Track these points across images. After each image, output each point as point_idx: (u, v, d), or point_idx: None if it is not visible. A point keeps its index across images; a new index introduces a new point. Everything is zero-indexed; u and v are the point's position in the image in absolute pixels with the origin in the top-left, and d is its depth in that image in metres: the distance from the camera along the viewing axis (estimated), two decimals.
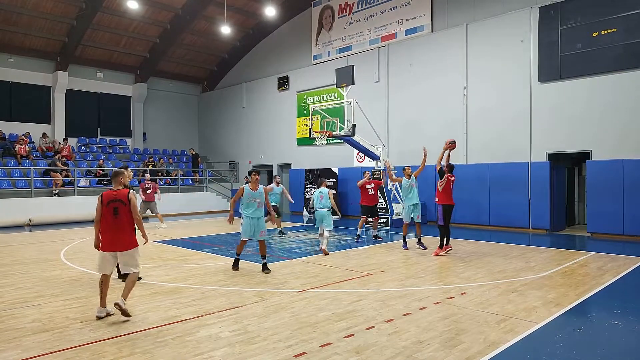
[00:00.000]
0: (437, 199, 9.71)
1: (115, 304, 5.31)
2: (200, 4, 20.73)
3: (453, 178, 9.80)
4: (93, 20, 20.14)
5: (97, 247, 5.64)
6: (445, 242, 9.67)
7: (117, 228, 5.51)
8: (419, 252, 9.97)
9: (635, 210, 11.89)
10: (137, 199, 6.66)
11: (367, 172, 12.78)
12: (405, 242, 10.51)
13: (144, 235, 5.80)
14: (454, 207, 9.84)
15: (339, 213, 12.21)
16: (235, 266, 8.24)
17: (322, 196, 10.34)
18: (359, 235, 11.92)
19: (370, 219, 12.02)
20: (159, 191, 15.22)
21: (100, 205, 5.54)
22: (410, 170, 10.66)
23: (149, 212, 15.15)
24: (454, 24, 16.15)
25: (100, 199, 5.56)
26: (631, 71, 12.31)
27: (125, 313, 5.34)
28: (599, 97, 12.90)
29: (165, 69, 25.57)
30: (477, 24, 15.46)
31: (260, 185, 8.14)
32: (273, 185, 13.24)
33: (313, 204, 10.60)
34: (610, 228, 12.30)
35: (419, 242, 10.40)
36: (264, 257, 8.05)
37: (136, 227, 5.70)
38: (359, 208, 12.21)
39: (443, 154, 9.91)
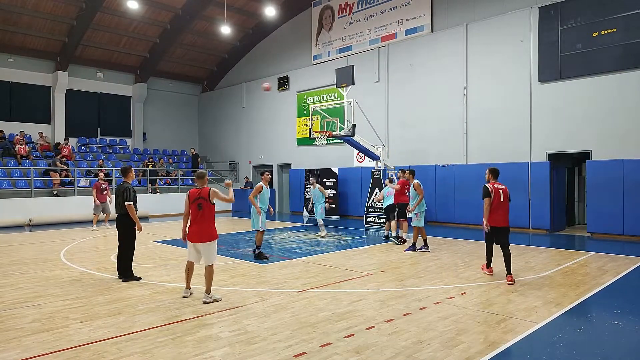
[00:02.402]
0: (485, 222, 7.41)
1: (205, 302, 6.05)
2: (200, 4, 20.73)
3: (503, 187, 7.49)
4: (93, 20, 20.14)
5: (184, 239, 6.38)
6: (488, 263, 7.82)
7: (201, 221, 6.20)
8: (419, 252, 9.96)
9: (635, 210, 11.89)
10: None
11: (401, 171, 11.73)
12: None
13: (230, 198, 6.64)
14: (507, 230, 7.49)
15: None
16: (262, 256, 9.22)
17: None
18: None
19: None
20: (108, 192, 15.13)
21: (187, 201, 6.32)
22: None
23: (102, 215, 15.03)
24: (454, 24, 16.15)
25: (187, 196, 6.35)
26: (631, 71, 12.31)
27: (215, 300, 6.13)
28: (599, 97, 12.90)
29: (165, 69, 25.57)
30: (477, 24, 15.46)
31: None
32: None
33: None
34: (610, 228, 12.30)
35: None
36: (259, 247, 9.35)
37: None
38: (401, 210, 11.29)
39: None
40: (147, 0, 19.90)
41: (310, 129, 15.40)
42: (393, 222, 11.56)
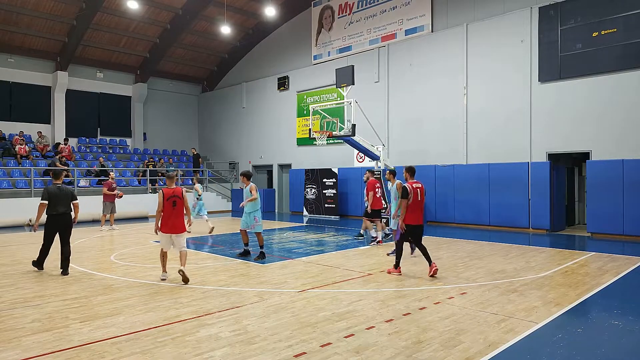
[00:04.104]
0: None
1: (180, 271, 7.10)
2: (200, 4, 20.73)
3: (420, 186, 7.60)
4: (93, 20, 20.14)
5: (156, 232, 7.38)
6: (397, 263, 7.77)
7: (175, 216, 7.29)
8: (418, 253, 9.93)
9: (635, 210, 11.89)
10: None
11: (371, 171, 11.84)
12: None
13: (189, 222, 7.80)
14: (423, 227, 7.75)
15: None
16: (243, 254, 9.40)
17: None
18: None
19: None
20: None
21: (162, 199, 7.24)
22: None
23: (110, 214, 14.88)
24: (454, 24, 16.15)
25: (162, 194, 7.28)
26: (631, 71, 12.31)
27: (185, 278, 7.07)
28: (598, 97, 12.90)
29: (165, 69, 25.57)
30: (477, 24, 15.46)
31: (249, 184, 9.26)
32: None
33: None
34: (610, 228, 12.29)
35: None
36: (261, 247, 9.40)
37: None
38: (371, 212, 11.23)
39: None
40: (147, 0, 19.90)
41: (310, 129, 15.39)
42: (379, 224, 11.22)
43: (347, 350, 4.40)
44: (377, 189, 11.26)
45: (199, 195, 13.90)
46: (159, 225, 7.32)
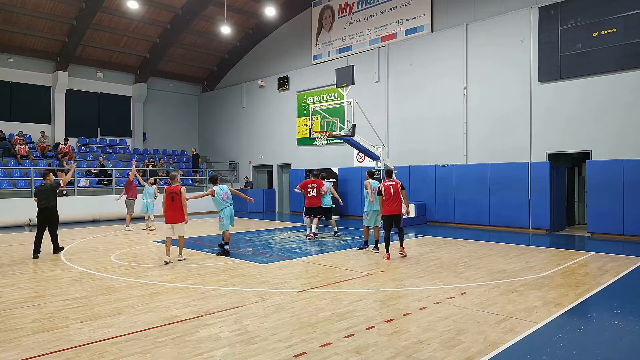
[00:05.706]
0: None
1: (179, 260, 9.00)
2: (200, 4, 20.73)
3: (393, 183, 9.27)
4: (93, 20, 20.13)
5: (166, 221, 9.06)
6: (387, 249, 9.29)
7: (173, 209, 8.90)
8: (418, 253, 9.96)
9: (635, 210, 11.89)
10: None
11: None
12: (367, 245, 10.41)
13: (186, 215, 9.02)
14: (400, 216, 9.26)
15: None
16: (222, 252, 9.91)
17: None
18: (315, 234, 12.43)
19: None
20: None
21: (164, 195, 8.91)
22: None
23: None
24: (454, 24, 16.15)
25: (165, 190, 8.94)
26: (631, 71, 12.31)
27: (182, 260, 8.97)
28: (598, 97, 12.90)
29: (165, 69, 25.56)
30: (477, 24, 15.46)
31: (213, 187, 9.87)
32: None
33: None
34: (610, 228, 12.30)
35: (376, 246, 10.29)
36: (225, 244, 10.00)
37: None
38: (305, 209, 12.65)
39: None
40: (147, 0, 19.89)
41: (310, 129, 15.39)
42: (308, 219, 12.53)
43: (347, 350, 4.40)
44: (309, 189, 12.31)
45: (156, 197, 14.75)
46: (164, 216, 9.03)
